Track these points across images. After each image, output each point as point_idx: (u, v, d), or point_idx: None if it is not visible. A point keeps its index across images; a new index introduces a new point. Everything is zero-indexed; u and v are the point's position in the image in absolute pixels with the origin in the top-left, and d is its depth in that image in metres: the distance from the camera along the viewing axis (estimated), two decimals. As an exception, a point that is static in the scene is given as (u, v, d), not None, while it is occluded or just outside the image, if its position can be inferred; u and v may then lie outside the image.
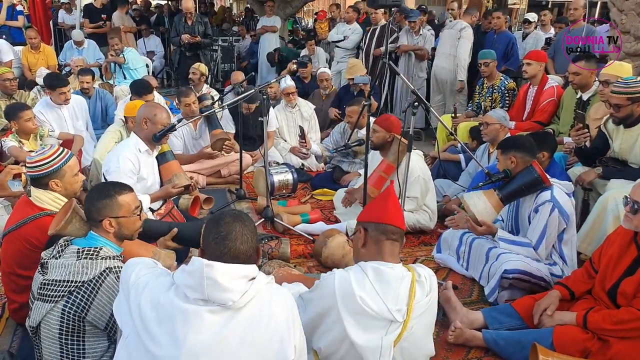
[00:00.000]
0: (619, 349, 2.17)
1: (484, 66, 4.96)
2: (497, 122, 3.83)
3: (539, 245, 2.79)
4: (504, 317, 2.55)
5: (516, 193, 2.89)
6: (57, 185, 2.32)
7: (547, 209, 2.74)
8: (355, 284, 1.75)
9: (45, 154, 2.30)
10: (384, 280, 1.78)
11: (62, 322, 1.82)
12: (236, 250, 1.49)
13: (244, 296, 1.45)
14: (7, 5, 7.50)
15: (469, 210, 2.91)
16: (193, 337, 1.41)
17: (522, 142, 2.95)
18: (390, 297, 1.76)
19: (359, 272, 1.80)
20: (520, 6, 17.12)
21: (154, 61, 8.88)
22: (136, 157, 3.07)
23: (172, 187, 3.15)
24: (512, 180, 2.90)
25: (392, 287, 1.78)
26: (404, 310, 1.78)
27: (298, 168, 5.05)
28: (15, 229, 2.27)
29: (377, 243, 1.85)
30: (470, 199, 2.93)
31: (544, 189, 2.79)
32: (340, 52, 7.48)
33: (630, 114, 3.26)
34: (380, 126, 3.55)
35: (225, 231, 1.50)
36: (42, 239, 2.15)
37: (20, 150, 3.89)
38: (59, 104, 4.66)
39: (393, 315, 1.75)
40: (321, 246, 3.20)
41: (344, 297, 1.75)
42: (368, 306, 1.74)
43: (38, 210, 2.28)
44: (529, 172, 2.82)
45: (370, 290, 1.75)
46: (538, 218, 2.78)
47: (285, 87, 5.31)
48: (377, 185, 3.57)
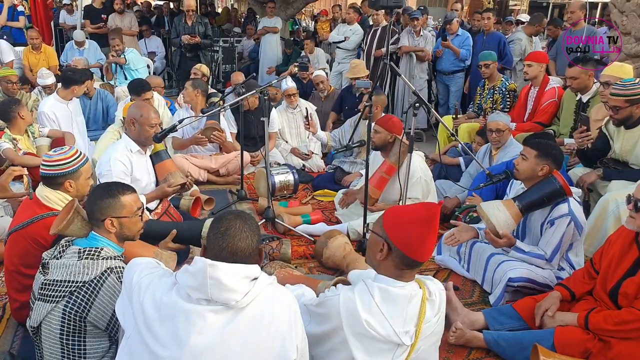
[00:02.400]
0: (620, 349, 2.17)
1: (485, 67, 4.96)
2: (508, 127, 3.85)
3: (553, 258, 2.74)
4: (505, 318, 2.55)
5: (537, 204, 2.75)
6: (71, 186, 2.33)
7: (565, 222, 2.67)
8: (361, 306, 1.67)
9: (66, 154, 2.32)
10: (391, 301, 1.69)
11: (63, 322, 1.82)
12: (234, 246, 1.50)
13: (246, 296, 1.45)
14: (8, 6, 7.51)
15: (488, 221, 2.74)
16: (195, 337, 1.41)
17: (557, 154, 2.77)
18: (397, 318, 1.68)
19: (365, 292, 1.71)
20: (520, 7, 17.14)
21: (155, 62, 8.88)
22: (128, 159, 3.06)
23: (168, 186, 3.15)
24: (532, 190, 2.77)
25: (400, 307, 1.69)
26: (412, 331, 1.70)
27: (299, 169, 5.06)
28: (22, 227, 2.27)
29: (397, 267, 1.72)
30: (490, 210, 2.75)
31: (562, 200, 2.71)
32: (341, 53, 7.49)
33: (630, 116, 3.26)
34: (381, 127, 3.55)
35: (224, 227, 1.52)
36: (49, 239, 2.16)
37: (15, 154, 3.92)
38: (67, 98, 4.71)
39: (400, 339, 1.68)
40: (322, 247, 3.20)
41: (349, 320, 1.67)
42: (375, 330, 1.66)
43: (46, 209, 2.28)
44: (549, 182, 2.71)
45: (377, 313, 1.67)
46: (553, 231, 2.70)
47: (286, 88, 5.32)
48: (378, 185, 3.57)
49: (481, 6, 10.90)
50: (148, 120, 3.08)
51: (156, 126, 3.13)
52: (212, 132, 4.51)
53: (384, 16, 6.66)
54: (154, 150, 3.31)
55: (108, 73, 6.84)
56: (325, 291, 1.81)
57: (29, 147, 4.19)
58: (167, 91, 7.97)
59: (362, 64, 6.14)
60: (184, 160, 4.56)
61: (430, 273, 3.19)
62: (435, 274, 3.20)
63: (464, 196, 3.87)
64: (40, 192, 2.32)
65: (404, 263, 1.70)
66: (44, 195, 2.31)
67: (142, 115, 3.08)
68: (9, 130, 4.05)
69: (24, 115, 4.11)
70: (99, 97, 5.40)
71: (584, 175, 3.46)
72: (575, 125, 4.12)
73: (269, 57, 8.82)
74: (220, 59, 9.43)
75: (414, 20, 6.52)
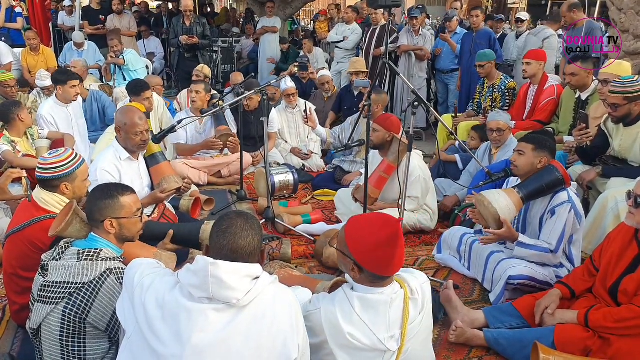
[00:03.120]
0: (619, 347, 2.17)
1: (479, 68, 4.97)
2: (508, 126, 3.85)
3: (558, 248, 2.71)
4: (505, 316, 2.55)
5: (538, 192, 2.75)
6: (67, 189, 2.32)
7: (566, 210, 2.66)
8: (342, 318, 1.67)
9: (60, 156, 2.29)
10: (372, 308, 1.69)
11: (62, 323, 1.82)
12: (235, 244, 1.51)
13: (247, 295, 1.46)
14: (6, 7, 7.51)
15: (489, 206, 2.68)
16: (197, 335, 1.42)
17: (552, 145, 2.82)
18: (380, 325, 1.69)
19: (345, 302, 1.71)
20: (519, 5, 17.14)
21: (154, 62, 8.88)
22: (115, 167, 3.00)
23: (161, 192, 3.05)
24: (533, 178, 2.77)
25: (382, 313, 1.69)
26: (397, 335, 1.71)
27: (299, 169, 5.06)
28: (19, 230, 2.26)
29: (371, 281, 1.71)
30: (490, 195, 2.73)
31: (561, 189, 2.73)
32: (340, 52, 7.50)
33: (629, 113, 3.26)
34: (379, 125, 3.55)
35: (226, 225, 1.55)
36: (47, 241, 2.15)
37: (14, 156, 3.92)
38: (68, 100, 4.66)
39: (385, 346, 1.69)
40: (322, 247, 3.20)
41: (332, 333, 1.68)
42: (358, 340, 1.67)
43: (43, 212, 2.27)
44: (549, 171, 2.72)
45: (359, 323, 1.67)
46: (555, 220, 2.69)
47: (285, 88, 5.32)
48: (377, 185, 3.57)
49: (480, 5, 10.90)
50: (133, 127, 2.98)
51: (142, 133, 3.02)
52: (227, 139, 4.44)
53: (383, 15, 6.66)
54: (150, 152, 3.23)
55: (107, 74, 6.84)
56: (308, 304, 1.78)
57: (27, 149, 4.19)
58: (166, 91, 7.98)
59: (362, 60, 6.14)
60: (184, 165, 4.53)
61: (430, 272, 3.20)
62: (435, 273, 3.21)
63: (464, 195, 3.87)
64: (37, 195, 2.31)
65: (377, 278, 1.71)
66: (41, 198, 2.30)
67: (127, 123, 2.98)
68: (8, 132, 4.06)
69: (24, 118, 4.10)
70: (93, 98, 5.39)
71: (583, 173, 3.46)
72: (575, 123, 4.12)
73: (268, 57, 8.83)
74: (219, 59, 9.43)
75: (413, 20, 6.52)
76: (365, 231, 1.71)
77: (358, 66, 5.88)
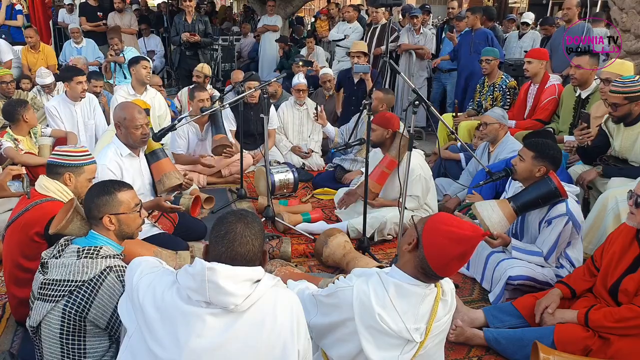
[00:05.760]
0: (620, 346, 2.17)
1: (486, 63, 4.95)
2: (495, 121, 3.83)
3: (549, 256, 2.74)
4: (505, 315, 2.55)
5: (531, 204, 2.75)
6: (70, 180, 2.38)
7: (562, 222, 2.67)
8: (375, 300, 1.67)
9: (76, 148, 2.42)
10: (405, 297, 1.69)
11: (62, 321, 1.81)
12: (233, 251, 1.46)
13: (247, 299, 1.42)
14: (7, 5, 7.49)
15: (482, 222, 2.76)
16: (195, 340, 1.39)
17: (555, 155, 2.76)
18: (410, 315, 1.69)
19: (379, 286, 1.70)
20: (520, 5, 17.13)
21: (155, 60, 8.87)
22: (117, 164, 3.00)
23: (165, 200, 2.99)
24: (527, 190, 2.77)
25: (413, 304, 1.69)
26: (423, 329, 1.71)
27: (299, 167, 5.05)
28: (19, 216, 2.29)
29: (415, 267, 1.70)
30: (484, 211, 2.77)
31: (560, 201, 2.71)
32: (340, 51, 7.47)
33: (629, 113, 3.26)
34: (377, 124, 3.55)
35: (224, 230, 1.48)
36: (43, 222, 2.18)
37: (16, 152, 3.91)
38: (75, 97, 4.62)
39: (411, 335, 1.68)
40: (322, 245, 3.20)
41: (362, 312, 1.67)
42: (387, 324, 1.66)
43: (41, 197, 2.31)
44: (545, 183, 2.70)
45: (390, 308, 1.67)
46: (551, 230, 2.71)
47: (297, 83, 5.27)
48: (379, 180, 3.57)
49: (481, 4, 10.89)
50: (132, 121, 2.97)
51: (143, 126, 3.01)
52: (222, 150, 4.32)
53: (384, 14, 6.65)
54: (150, 149, 3.22)
55: (107, 72, 6.83)
56: (336, 281, 1.80)
57: (30, 147, 4.19)
58: (167, 90, 7.97)
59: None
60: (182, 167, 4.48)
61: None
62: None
63: (464, 194, 3.87)
64: (39, 182, 2.36)
65: (422, 267, 1.68)
66: (42, 184, 2.35)
67: (126, 118, 2.97)
68: (12, 130, 4.06)
69: (28, 118, 4.08)
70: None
71: (584, 173, 3.45)
72: (575, 121, 4.12)
73: (269, 55, 8.83)
74: (219, 57, 9.42)
75: (414, 18, 6.52)
76: (454, 219, 1.69)
77: (359, 47, 5.76)
